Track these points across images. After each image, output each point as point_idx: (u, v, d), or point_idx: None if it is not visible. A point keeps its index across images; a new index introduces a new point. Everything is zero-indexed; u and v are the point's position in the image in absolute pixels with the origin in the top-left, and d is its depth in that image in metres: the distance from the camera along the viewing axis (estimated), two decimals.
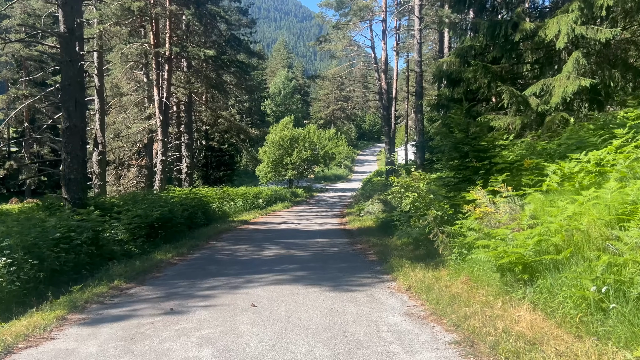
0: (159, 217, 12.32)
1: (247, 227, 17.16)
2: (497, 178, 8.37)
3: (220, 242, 12.81)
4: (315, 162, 44.34)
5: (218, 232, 15.08)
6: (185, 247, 11.37)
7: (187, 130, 24.60)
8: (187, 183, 24.49)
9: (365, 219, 17.74)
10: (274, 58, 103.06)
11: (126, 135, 25.20)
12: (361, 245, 11.81)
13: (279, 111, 77.40)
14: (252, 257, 10.12)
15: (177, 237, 13.06)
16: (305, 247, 11.78)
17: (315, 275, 7.90)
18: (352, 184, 52.85)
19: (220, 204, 21.10)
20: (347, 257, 9.89)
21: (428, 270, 7.30)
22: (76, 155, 12.01)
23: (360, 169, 68.81)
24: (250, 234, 14.97)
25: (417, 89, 22.95)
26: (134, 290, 7.18)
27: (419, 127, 22.46)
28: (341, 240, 13.19)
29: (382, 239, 12.44)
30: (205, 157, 33.31)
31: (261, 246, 11.85)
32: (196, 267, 9.00)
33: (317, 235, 14.28)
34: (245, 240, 13.14)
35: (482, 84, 15.03)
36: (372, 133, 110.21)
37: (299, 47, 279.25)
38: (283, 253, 10.69)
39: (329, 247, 11.76)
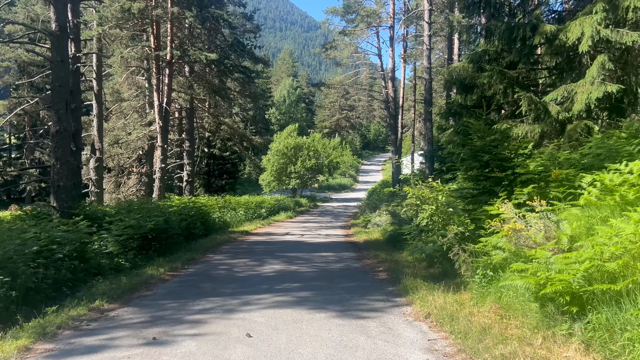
0: (153, 227, 11.53)
1: (248, 238, 16.35)
2: (523, 190, 7.56)
3: (218, 255, 12.00)
4: (319, 172, 43.60)
5: (217, 243, 14.28)
6: (180, 261, 10.57)
7: (189, 137, 23.89)
8: (188, 191, 23.74)
9: (372, 231, 16.92)
10: (279, 67, 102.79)
11: (126, 142, 24.51)
12: (369, 261, 10.98)
13: (284, 120, 76.83)
14: (251, 274, 9.31)
15: (173, 250, 12.27)
16: (308, 262, 10.96)
17: (320, 297, 7.07)
18: (357, 193, 52.01)
19: (221, 214, 20.31)
20: (354, 275, 9.07)
21: (448, 294, 6.47)
22: (66, 161, 11.27)
23: (364, 179, 68.00)
24: (250, 246, 14.16)
25: (426, 96, 22.20)
26: (116, 312, 6.38)
27: (428, 135, 21.66)
28: (347, 254, 12.36)
29: (391, 253, 11.61)
30: (208, 165, 32.58)
31: (261, 260, 11.04)
32: (189, 285, 8.19)
33: (322, 249, 13.45)
34: (245, 254, 12.33)
35: (497, 90, 14.27)
36: (377, 143, 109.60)
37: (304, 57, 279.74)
38: (285, 269, 9.87)
39: (334, 262, 10.94)
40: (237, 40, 23.31)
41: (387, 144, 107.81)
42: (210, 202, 19.56)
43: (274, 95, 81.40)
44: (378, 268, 9.82)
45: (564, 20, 14.82)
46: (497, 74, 13.70)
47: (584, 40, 11.54)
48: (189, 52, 19.60)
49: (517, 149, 8.30)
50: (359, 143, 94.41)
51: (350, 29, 30.63)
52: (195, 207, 16.76)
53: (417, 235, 11.29)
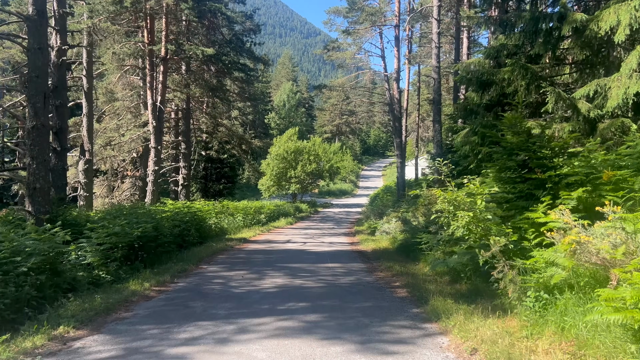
0: (140, 235, 10.32)
1: (246, 246, 15.14)
2: (571, 194, 6.38)
3: (213, 266, 10.78)
4: (320, 176, 42.40)
5: (212, 252, 13.06)
6: (169, 273, 9.36)
7: (185, 139, 22.72)
8: (184, 196, 22.54)
9: (380, 239, 15.72)
10: (279, 71, 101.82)
11: (119, 144, 23.32)
12: (382, 274, 9.77)
13: (283, 124, 75.70)
14: (250, 289, 8.10)
15: (163, 260, 11.06)
16: (314, 274, 9.75)
17: (332, 322, 5.86)
18: (358, 199, 50.84)
19: (218, 220, 19.09)
20: (369, 292, 7.86)
21: (489, 320, 5.28)
22: (43, 160, 10.07)
23: (365, 184, 66.87)
24: (249, 255, 12.95)
25: (435, 97, 21.06)
26: (82, 342, 5.17)
27: (437, 138, 20.51)
28: (356, 265, 11.16)
29: (405, 265, 10.42)
30: (205, 169, 31.37)
31: (261, 273, 9.83)
32: (177, 304, 6.98)
33: (327, 259, 12.25)
34: (242, 264, 11.12)
35: (518, 87, 13.12)
36: (377, 148, 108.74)
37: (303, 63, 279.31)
38: (288, 283, 8.66)
39: (343, 274, 9.73)
40: (236, 37, 22.17)
41: (388, 150, 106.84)
42: (207, 208, 18.36)
43: (273, 100, 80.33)
44: (394, 283, 8.61)
45: (589, 10, 13.73)
46: (519, 69, 12.56)
47: (619, 30, 10.39)
48: (185, 47, 18.44)
49: (563, 146, 7.11)
50: (359, 148, 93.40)
51: (353, 29, 29.52)
52: (189, 213, 15.55)
53: (435, 245, 10.10)
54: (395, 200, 25.74)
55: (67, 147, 15.05)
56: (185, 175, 22.43)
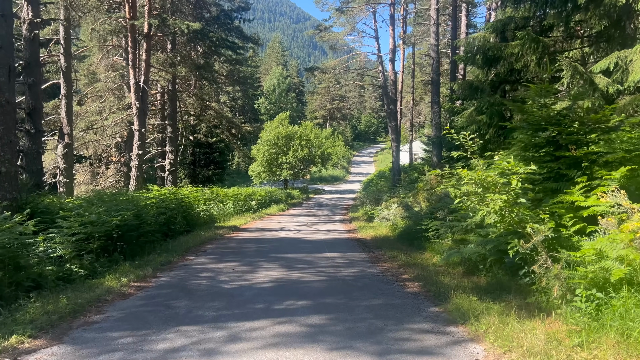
0: (120, 224, 9.34)
1: (237, 235, 14.21)
2: (612, 174, 5.51)
3: (200, 258, 9.84)
4: (312, 162, 41.40)
5: (200, 242, 12.12)
6: (151, 266, 8.42)
7: (171, 122, 21.60)
8: (170, 182, 21.50)
9: (378, 225, 14.86)
10: (268, 56, 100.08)
11: (102, 127, 22.16)
12: (387, 265, 8.91)
13: (273, 110, 74.38)
14: (242, 284, 7.18)
15: (146, 250, 10.11)
16: (312, 265, 8.86)
17: (340, 325, 4.97)
18: (350, 185, 50.02)
19: (207, 207, 18.12)
20: (376, 286, 6.98)
21: (528, 322, 4.43)
22: (9, 141, 9.01)
23: (356, 170, 66.01)
24: (240, 244, 12.02)
25: (434, 77, 20.13)
26: (37, 356, 4.24)
27: (436, 120, 19.63)
28: (357, 255, 10.28)
29: (410, 254, 9.56)
30: (193, 154, 30.25)
31: (254, 264, 8.92)
32: (158, 303, 6.05)
33: (325, 248, 11.37)
34: (233, 255, 10.20)
35: (528, 62, 12.24)
36: (368, 134, 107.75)
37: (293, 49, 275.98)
38: (284, 276, 7.76)
39: (344, 266, 8.85)
40: (225, 14, 20.96)
41: (379, 136, 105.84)
42: (195, 194, 17.35)
43: (263, 85, 78.82)
44: (402, 275, 7.75)
45: None
46: (530, 42, 11.66)
47: None
48: (169, 22, 17.27)
49: (601, 119, 6.23)
50: (350, 134, 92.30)
51: (347, 7, 28.36)
52: (176, 200, 14.56)
53: (443, 233, 9.25)
54: (391, 185, 24.92)
55: (41, 130, 13.97)
56: (172, 161, 21.37)
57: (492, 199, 4.88)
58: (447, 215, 9.91)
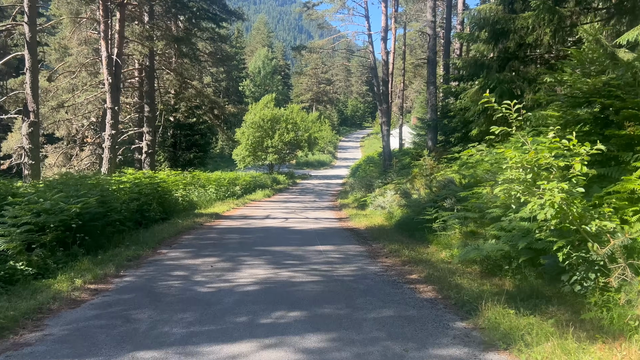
0: (80, 212, 8.06)
1: (218, 223, 12.99)
2: None
3: (174, 251, 8.61)
4: (298, 147, 40.06)
5: (177, 231, 10.88)
6: (115, 263, 7.18)
7: (149, 101, 20.13)
8: (148, 165, 20.11)
9: (372, 214, 13.75)
10: (253, 37, 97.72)
11: (73, 106, 20.59)
12: (389, 261, 7.79)
13: (259, 92, 72.52)
14: (221, 287, 6.00)
15: (113, 242, 8.87)
16: (303, 262, 7.71)
17: (346, 350, 3.83)
18: (337, 170, 48.91)
19: (187, 192, 16.82)
20: (382, 289, 5.85)
21: (590, 347, 3.34)
22: None
23: (343, 155, 64.87)
24: (221, 235, 10.80)
25: (430, 55, 18.93)
26: None
27: (432, 101, 18.47)
28: (353, 248, 9.15)
29: (413, 248, 8.47)
30: (174, 136, 28.75)
31: (236, 260, 7.73)
32: (114, 314, 4.84)
33: (316, 239, 10.22)
34: (213, 247, 8.99)
35: (542, 35, 11.12)
36: (354, 119, 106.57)
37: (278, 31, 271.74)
38: (272, 276, 6.59)
39: (340, 262, 7.71)
40: None
41: (365, 121, 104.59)
42: (173, 178, 16.02)
43: (247, 67, 76.80)
44: (410, 275, 6.63)
45: None
46: (545, 12, 10.56)
47: None
48: None
49: None
50: (337, 119, 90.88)
51: None
52: (151, 184, 13.25)
53: (453, 225, 8.16)
54: (382, 171, 23.83)
55: None
56: (150, 142, 19.95)
57: (548, 188, 3.76)
58: (454, 204, 8.81)
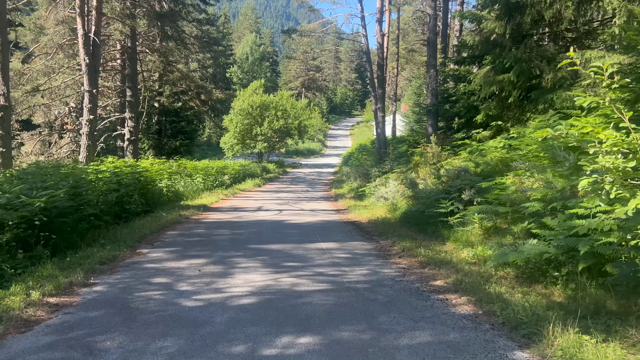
0: (46, 206, 6.94)
1: (206, 216, 11.89)
2: None
3: (157, 251, 7.52)
4: (288, 134, 38.87)
5: (160, 226, 9.78)
6: (84, 267, 6.09)
7: (130, 85, 18.84)
8: (130, 152, 18.90)
9: (372, 205, 12.75)
10: (241, 23, 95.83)
11: (49, 90, 19.23)
12: (404, 261, 6.79)
13: (246, 79, 70.89)
14: (211, 299, 4.95)
15: (87, 240, 7.77)
16: (306, 263, 6.68)
17: None
18: (328, 159, 47.88)
19: (172, 182, 15.68)
20: (406, 301, 4.84)
21: None
22: None
23: (333, 144, 63.87)
24: (210, 230, 9.72)
25: (430, 36, 17.85)
26: None
27: (432, 85, 17.45)
28: (358, 245, 8.13)
29: (428, 246, 7.50)
30: (159, 123, 27.41)
31: (228, 262, 6.67)
32: (73, 343, 3.77)
33: (316, 234, 9.19)
34: (200, 246, 7.92)
35: (561, 8, 10.13)
36: (344, 107, 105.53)
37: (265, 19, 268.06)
38: (272, 284, 5.55)
39: (348, 263, 6.70)
40: None
41: (354, 109, 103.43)
42: (157, 167, 14.86)
43: (235, 53, 75.08)
44: (433, 280, 5.64)
45: None
46: None
47: None
48: None
49: None
50: (326, 107, 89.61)
51: None
52: (132, 174, 12.09)
53: (484, 218, 7.18)
54: (378, 159, 22.81)
55: None
56: (132, 129, 18.71)
57: None
58: (473, 196, 7.83)
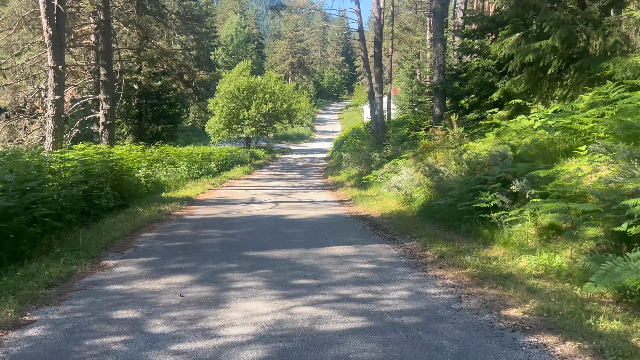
0: None
1: (191, 211, 10.19)
2: None
3: (126, 263, 5.82)
4: (277, 118, 37.02)
5: (135, 226, 8.07)
6: (19, 296, 4.40)
7: (105, 62, 16.93)
8: (106, 138, 17.00)
9: (381, 196, 11.17)
10: (225, 4, 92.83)
11: (13, 68, 17.23)
12: (449, 275, 5.21)
13: (231, 62, 68.46)
14: (197, 351, 3.32)
15: (40, 248, 6.09)
16: (323, 281, 5.06)
17: None
18: (318, 144, 46.25)
19: (152, 171, 13.92)
20: (491, 355, 3.28)
21: None
22: None
23: (322, 128, 62.22)
24: (195, 231, 8.04)
25: (437, 7, 16.13)
26: None
27: (439, 62, 15.81)
28: (380, 249, 6.53)
29: (469, 250, 5.97)
30: (139, 106, 25.45)
31: (219, 282, 5.03)
32: None
33: (324, 234, 7.57)
34: (183, 254, 6.25)
35: None
36: (331, 91, 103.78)
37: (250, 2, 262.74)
38: (284, 319, 3.93)
39: (378, 279, 5.10)
40: None
41: (342, 93, 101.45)
42: (134, 154, 13.07)
43: (219, 35, 72.49)
44: (505, 308, 4.07)
45: None
46: None
47: None
48: None
49: None
50: (313, 90, 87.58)
51: None
52: (103, 162, 10.32)
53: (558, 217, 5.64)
54: (376, 143, 21.23)
55: None
56: (107, 112, 16.81)
57: None
58: (525, 188, 6.26)
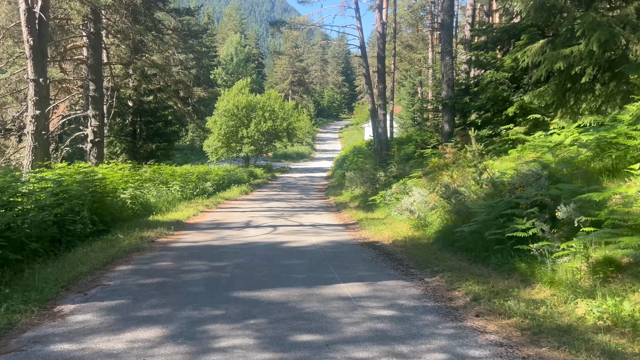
0: None
1: (178, 238, 9.07)
2: None
3: (85, 311, 4.68)
4: (276, 137, 36.12)
5: (108, 258, 6.94)
6: None
7: (94, 77, 15.99)
8: (94, 157, 15.98)
9: (391, 219, 10.08)
10: (225, 24, 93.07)
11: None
12: (491, 327, 4.09)
13: (231, 80, 67.94)
14: None
15: None
16: (334, 339, 3.94)
17: None
18: (318, 162, 45.30)
19: (140, 192, 12.83)
20: None
21: None
22: None
23: (322, 147, 61.42)
24: (179, 263, 6.91)
25: (445, 18, 15.28)
26: None
27: (448, 75, 14.86)
28: (397, 287, 5.42)
29: (507, 290, 4.89)
30: (133, 124, 24.51)
31: (197, 339, 3.88)
32: None
33: (330, 267, 6.46)
34: (159, 297, 5.12)
35: None
36: (331, 110, 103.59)
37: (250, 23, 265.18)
38: None
39: (405, 338, 3.97)
40: None
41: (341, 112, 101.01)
42: (119, 175, 11.99)
43: (219, 54, 72.21)
44: None
45: None
46: None
47: None
48: None
49: None
50: (313, 109, 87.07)
51: None
52: (82, 182, 9.25)
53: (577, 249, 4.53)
54: (380, 161, 20.19)
55: None
56: (96, 128, 15.82)
57: None
58: (573, 214, 5.17)
